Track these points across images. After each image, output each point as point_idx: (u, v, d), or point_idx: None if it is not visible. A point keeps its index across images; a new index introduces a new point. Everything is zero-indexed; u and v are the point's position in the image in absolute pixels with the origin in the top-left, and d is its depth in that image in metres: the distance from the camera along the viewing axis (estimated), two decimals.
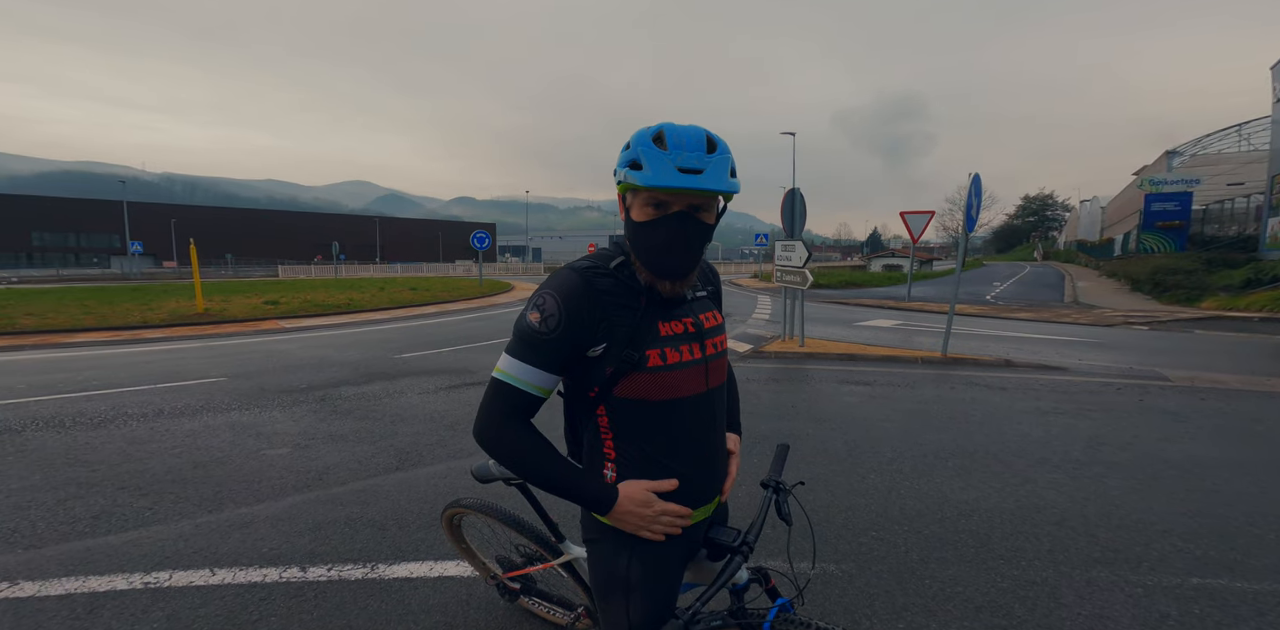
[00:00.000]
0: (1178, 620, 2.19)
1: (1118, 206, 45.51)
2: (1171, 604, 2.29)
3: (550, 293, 1.09)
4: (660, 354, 1.11)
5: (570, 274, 1.11)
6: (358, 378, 6.67)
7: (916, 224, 13.29)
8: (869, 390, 6.18)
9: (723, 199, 1.11)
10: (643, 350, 1.10)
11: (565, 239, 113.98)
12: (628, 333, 1.10)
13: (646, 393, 1.12)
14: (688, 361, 1.15)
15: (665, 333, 1.13)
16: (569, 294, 1.08)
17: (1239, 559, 2.65)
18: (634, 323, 1.10)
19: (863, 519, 3.06)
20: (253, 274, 46.12)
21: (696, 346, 1.17)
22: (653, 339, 1.11)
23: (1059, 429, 4.73)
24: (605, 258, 1.15)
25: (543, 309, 1.08)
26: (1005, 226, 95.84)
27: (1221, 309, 16.62)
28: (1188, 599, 2.33)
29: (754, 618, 1.27)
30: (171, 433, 4.57)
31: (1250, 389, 6.40)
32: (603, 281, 1.11)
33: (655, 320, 1.13)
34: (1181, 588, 2.41)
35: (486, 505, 1.97)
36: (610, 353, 1.10)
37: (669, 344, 1.13)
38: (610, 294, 1.10)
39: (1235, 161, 32.21)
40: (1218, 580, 2.47)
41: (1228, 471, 3.77)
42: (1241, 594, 2.36)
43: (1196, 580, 2.47)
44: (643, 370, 1.10)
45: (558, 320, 1.07)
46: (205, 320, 12.34)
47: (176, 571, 2.53)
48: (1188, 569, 2.56)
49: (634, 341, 1.10)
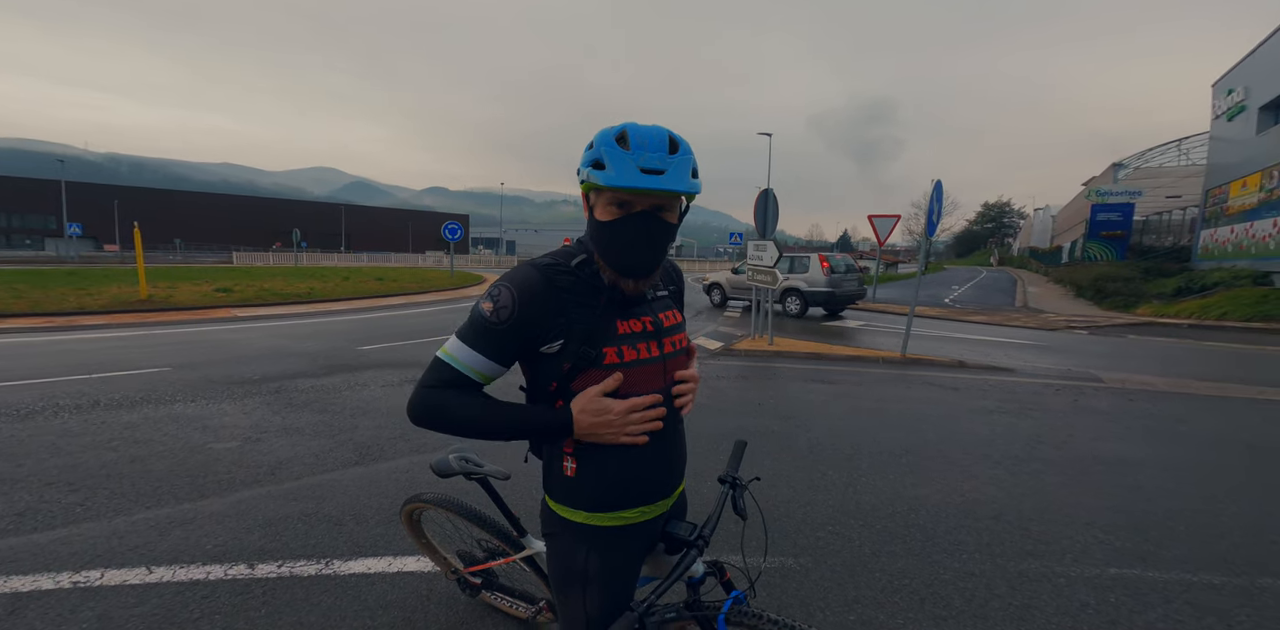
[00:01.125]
0: (1095, 609, 2.33)
1: (1067, 215, 47.75)
2: (1090, 593, 2.44)
3: (507, 286, 1.09)
4: (618, 351, 1.13)
5: (530, 270, 1.12)
6: (316, 369, 6.47)
7: (883, 227, 13.66)
8: (833, 389, 6.34)
9: (685, 199, 1.12)
10: (599, 348, 1.11)
11: (541, 232, 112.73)
12: (585, 330, 1.11)
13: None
14: (645, 359, 1.16)
15: (623, 331, 1.14)
16: (526, 289, 1.09)
17: (1151, 550, 2.84)
18: (592, 320, 1.11)
19: (821, 514, 3.15)
20: (204, 260, 44.02)
21: (655, 345, 1.18)
22: (610, 337, 1.13)
23: (1003, 428, 4.96)
24: (567, 255, 1.16)
25: (497, 300, 1.09)
26: (966, 232, 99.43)
27: (1154, 315, 17.67)
28: (1105, 588, 2.48)
29: (709, 610, 1.30)
30: (107, 425, 4.35)
31: (1176, 391, 6.84)
32: (562, 279, 1.11)
33: (613, 319, 1.14)
34: (1100, 578, 2.57)
35: (447, 500, 1.95)
36: (567, 349, 1.11)
37: (626, 341, 1.14)
38: (569, 292, 1.11)
39: (1174, 175, 34.19)
40: (1132, 570, 2.64)
41: (1151, 469, 4.03)
42: (1152, 583, 2.54)
43: (1114, 570, 2.64)
44: (599, 367, 1.12)
45: (510, 313, 1.08)
46: (149, 307, 11.73)
47: (109, 570, 2.43)
48: (1106, 560, 2.73)
49: (591, 339, 1.11)
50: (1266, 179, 20.08)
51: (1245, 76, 22.69)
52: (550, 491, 1.24)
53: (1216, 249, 23.28)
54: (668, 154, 1.03)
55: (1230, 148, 23.50)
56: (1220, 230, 23.21)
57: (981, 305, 20.77)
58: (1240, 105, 22.72)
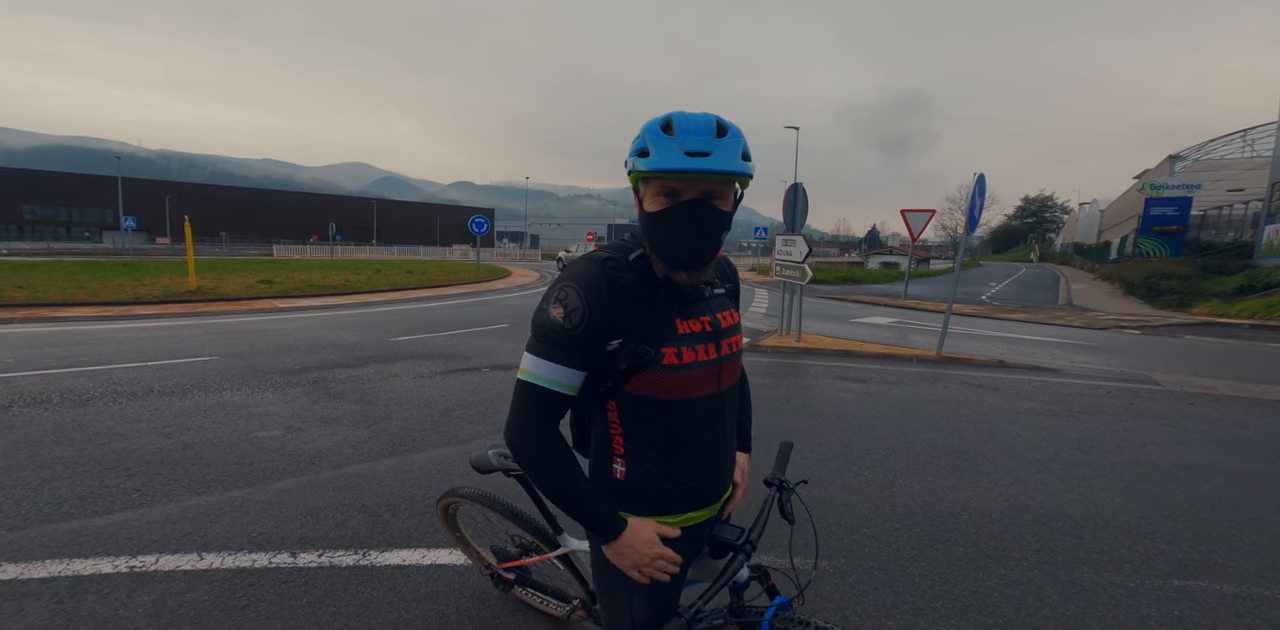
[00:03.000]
0: (1158, 621, 2.22)
1: (1117, 210, 45.62)
2: (1152, 605, 2.32)
3: (571, 285, 1.05)
4: (677, 353, 1.09)
5: (590, 265, 1.08)
6: (352, 360, 6.63)
7: (916, 222, 13.27)
8: (864, 387, 6.19)
9: (739, 186, 1.07)
10: (659, 347, 1.07)
11: (564, 226, 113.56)
12: (645, 328, 1.07)
13: (658, 391, 1.10)
14: (702, 361, 1.12)
15: (683, 331, 1.10)
16: (591, 286, 1.04)
17: (1218, 562, 2.69)
18: (652, 318, 1.07)
19: (855, 516, 3.07)
20: (247, 253, 45.70)
21: (712, 346, 1.14)
22: (670, 336, 1.09)
23: (1050, 431, 4.76)
24: (624, 250, 1.12)
25: (565, 303, 1.04)
26: (1003, 227, 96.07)
27: (1213, 315, 16.75)
28: (1168, 601, 2.36)
29: (753, 616, 1.27)
30: (161, 412, 4.54)
31: (1239, 395, 6.46)
32: (623, 275, 1.08)
33: (673, 317, 1.10)
34: (1162, 589, 2.44)
35: (483, 495, 1.96)
36: (626, 348, 1.07)
37: (685, 342, 1.10)
38: (630, 288, 1.07)
39: (1237, 167, 32.28)
40: (1197, 582, 2.50)
41: (1214, 476, 3.81)
42: (1219, 596, 2.39)
43: (1177, 582, 2.50)
44: (658, 368, 1.08)
45: (582, 314, 1.03)
46: (198, 298, 12.23)
47: (163, 555, 2.51)
48: (1169, 571, 2.59)
49: (651, 338, 1.07)
50: None
51: None
52: None
53: None
54: (714, 137, 0.99)
55: None
56: None
57: (1022, 302, 20.03)
58: None
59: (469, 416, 4.64)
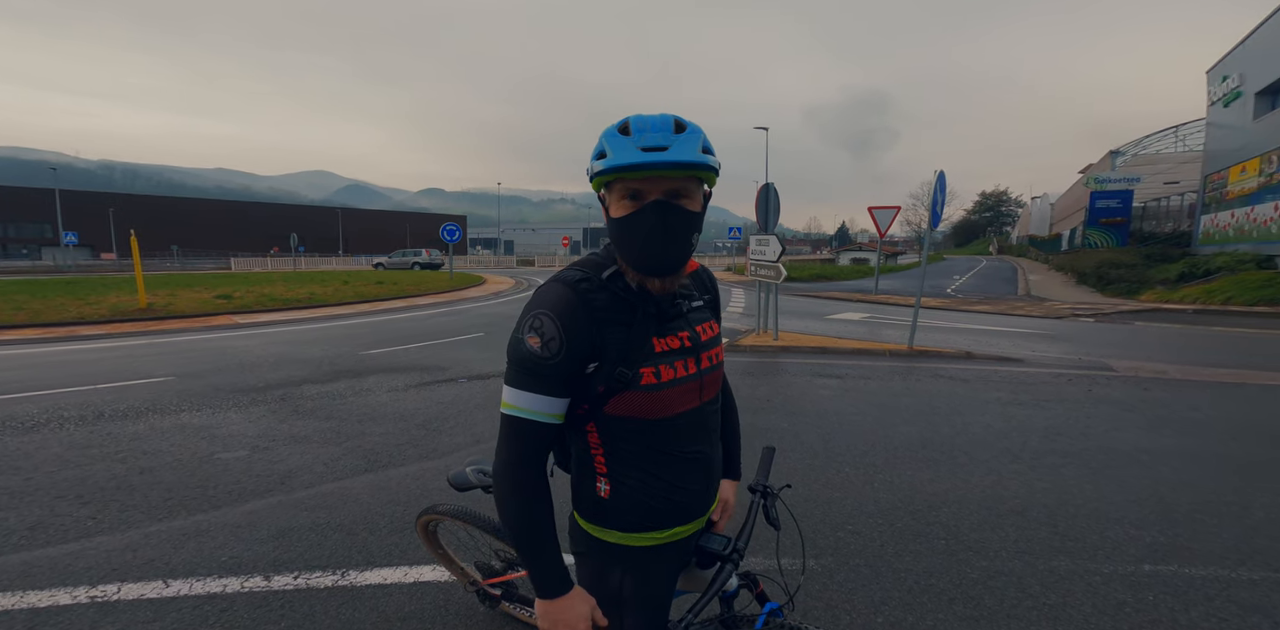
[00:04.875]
0: (1134, 607, 2.28)
1: (1065, 203, 47.62)
2: (1127, 591, 2.38)
3: (546, 313, 1.01)
4: (654, 372, 1.06)
5: (563, 289, 1.03)
6: (321, 376, 6.42)
7: (884, 219, 13.61)
8: (841, 383, 6.30)
9: (706, 185, 1.05)
10: (636, 368, 1.04)
11: (539, 231, 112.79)
12: (621, 350, 1.04)
13: (638, 411, 1.07)
14: (682, 377, 1.10)
15: (660, 349, 1.08)
16: (564, 311, 1.01)
17: (1184, 545, 2.78)
18: (628, 339, 1.04)
19: (839, 513, 3.10)
20: (202, 267, 43.93)
21: (692, 361, 1.12)
22: (646, 356, 1.06)
23: (1018, 420, 4.92)
24: (596, 267, 1.08)
25: (541, 333, 1.00)
26: (964, 222, 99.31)
27: (1159, 301, 17.62)
28: (1142, 586, 2.42)
29: (744, 625, 1.26)
30: (114, 437, 4.30)
31: (1189, 379, 6.79)
32: (598, 296, 1.04)
33: (649, 336, 1.07)
34: (1135, 575, 2.51)
35: (464, 511, 1.90)
36: (602, 371, 1.04)
37: (664, 360, 1.07)
38: (605, 309, 1.04)
39: (1172, 161, 34.11)
40: (1167, 567, 2.58)
41: (1174, 460, 3.98)
42: (1190, 580, 2.47)
43: (1149, 567, 2.57)
44: (636, 388, 1.05)
45: (560, 342, 0.99)
46: (150, 316, 11.69)
47: (125, 584, 2.38)
48: (1140, 556, 2.67)
49: (627, 359, 1.04)
50: (1265, 164, 20.01)
51: (1240, 63, 22.68)
52: (580, 509, 1.18)
53: (1218, 234, 23.22)
54: (672, 134, 0.97)
55: (1227, 134, 23.50)
56: (1220, 215, 23.16)
57: (985, 294, 20.72)
58: (1236, 91, 22.70)
59: (447, 429, 4.53)
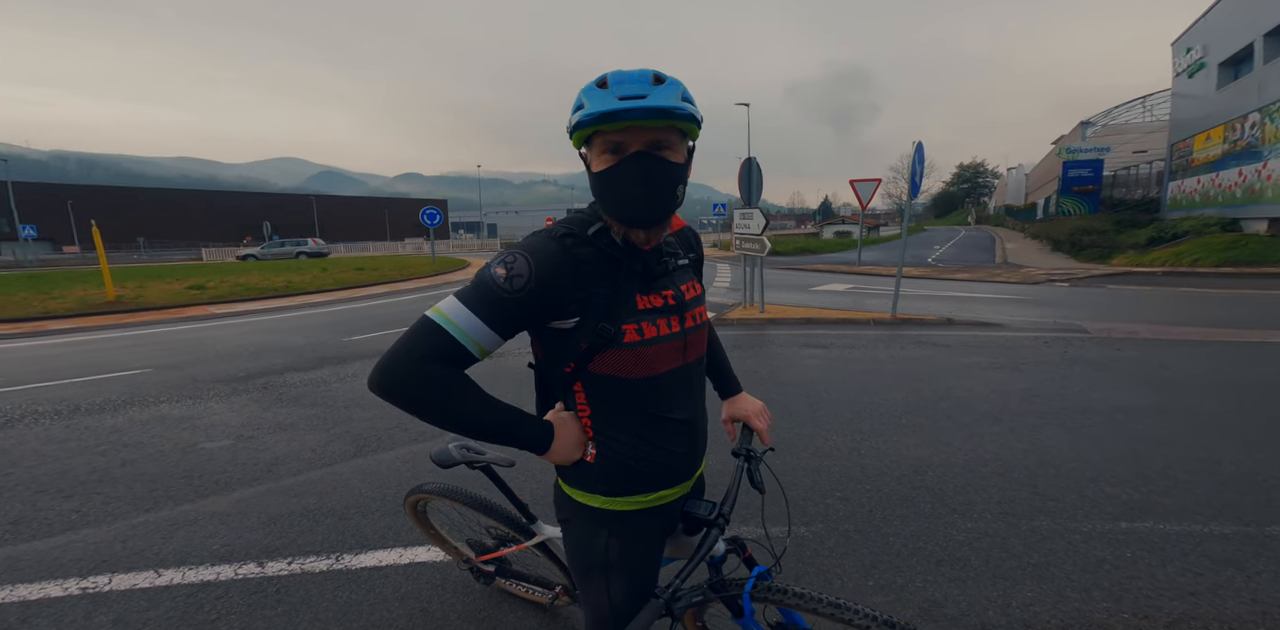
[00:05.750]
0: (1113, 564, 2.34)
1: (1039, 173, 48.08)
2: (1106, 549, 2.45)
3: (524, 255, 0.98)
4: (638, 328, 1.04)
5: (548, 241, 1.01)
6: (304, 363, 6.31)
7: (865, 191, 13.62)
8: (827, 353, 6.38)
9: (689, 140, 1.03)
10: (619, 325, 1.03)
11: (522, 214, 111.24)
12: (604, 306, 1.02)
13: (623, 370, 1.06)
14: (665, 336, 1.08)
15: (643, 306, 1.06)
16: (545, 261, 0.98)
17: (1159, 501, 2.86)
18: (611, 295, 1.03)
19: (828, 480, 3.16)
20: (172, 258, 42.64)
21: (675, 319, 1.10)
22: (630, 312, 1.04)
23: (997, 383, 5.03)
24: (583, 224, 1.06)
25: (511, 267, 0.97)
26: (942, 193, 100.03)
27: (1130, 265, 18.05)
28: (1119, 543, 2.49)
29: (733, 589, 1.25)
30: (93, 430, 4.21)
31: (1158, 337, 7.00)
32: (582, 250, 1.02)
33: (633, 293, 1.06)
34: (1113, 532, 2.58)
35: (451, 490, 1.90)
36: (585, 327, 1.02)
37: (646, 318, 1.06)
38: (589, 264, 1.02)
39: (1140, 131, 34.62)
40: (1143, 523, 2.65)
41: (1146, 417, 4.11)
42: (1165, 535, 2.54)
43: (1125, 524, 2.64)
44: (619, 345, 1.03)
45: (525, 281, 0.97)
46: (120, 309, 11.35)
47: (116, 574, 2.36)
48: (1116, 514, 2.74)
49: (610, 315, 1.02)
50: (1229, 131, 20.37)
51: (1203, 35, 22.94)
52: (564, 476, 1.17)
53: (1184, 199, 23.72)
54: (650, 85, 0.95)
55: (1192, 103, 23.88)
56: (1187, 181, 23.64)
57: (964, 263, 21.02)
58: (1200, 62, 23.02)
59: None
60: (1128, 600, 2.12)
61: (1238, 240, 17.24)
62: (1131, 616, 2.03)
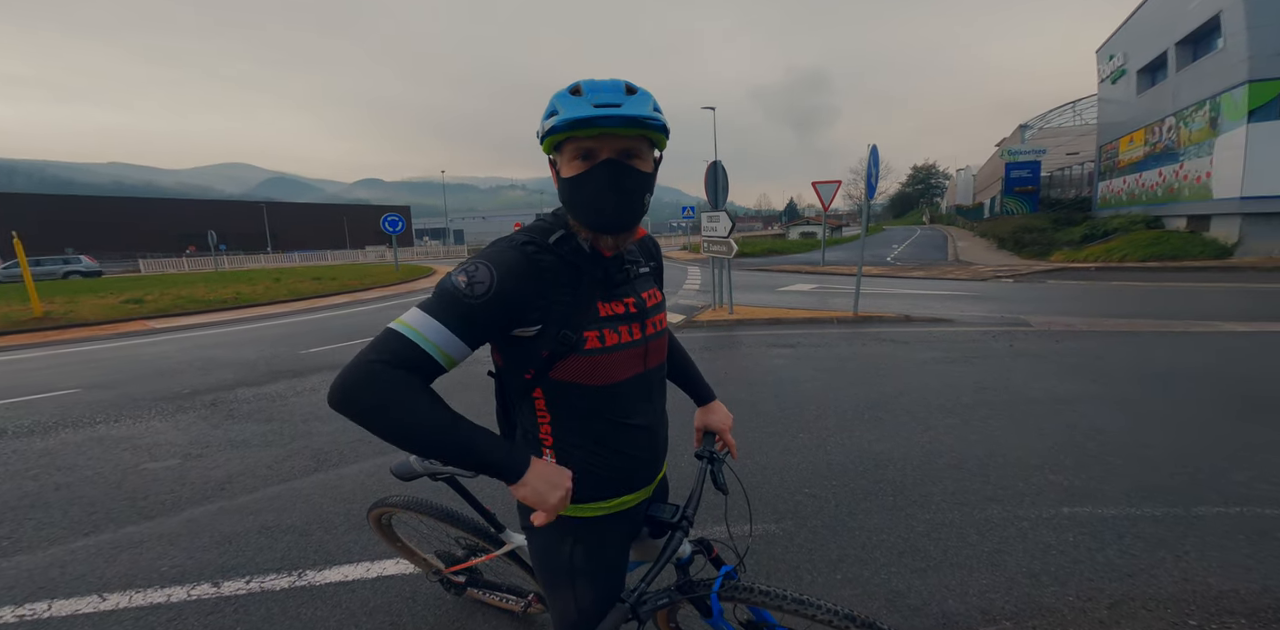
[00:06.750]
0: (1059, 549, 2.45)
1: (985, 174, 50.43)
2: (1051, 534, 2.57)
3: (486, 264, 0.98)
4: (599, 336, 1.06)
5: (509, 250, 1.02)
6: (257, 378, 6.06)
7: (827, 192, 13.99)
8: (794, 352, 6.53)
9: (656, 150, 1.06)
10: (580, 332, 1.04)
11: (490, 219, 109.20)
12: (565, 313, 1.03)
13: (583, 376, 1.07)
14: (626, 343, 1.10)
15: (605, 313, 1.08)
16: (507, 270, 0.98)
17: (1096, 487, 3.01)
18: (573, 302, 1.04)
19: (796, 478, 3.23)
20: (107, 271, 40.13)
21: (636, 327, 1.12)
22: (591, 320, 1.05)
23: (951, 377, 5.25)
24: (544, 232, 1.06)
25: (472, 275, 0.97)
26: (899, 194, 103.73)
27: (1067, 261, 19.08)
28: (1063, 528, 2.61)
29: (700, 589, 1.26)
30: (20, 454, 3.94)
31: (1093, 329, 7.45)
32: (544, 258, 1.02)
33: (595, 300, 1.07)
34: (1056, 518, 2.70)
35: (415, 502, 1.86)
36: (546, 334, 1.03)
37: (608, 325, 1.07)
38: (552, 271, 1.02)
39: (1072, 134, 36.73)
40: (1083, 508, 2.79)
41: (1082, 405, 4.35)
42: (1102, 520, 2.68)
43: (1067, 510, 2.77)
44: (580, 353, 1.04)
45: (487, 288, 0.96)
46: (47, 326, 10.63)
47: (56, 600, 2.23)
48: (1059, 500, 2.88)
49: (572, 322, 1.03)
50: (1149, 135, 21.84)
51: (1124, 43, 24.40)
52: None
53: (1113, 198, 25.27)
54: (624, 94, 0.98)
55: (1116, 108, 25.40)
56: (1115, 182, 25.19)
57: (919, 261, 21.83)
58: (1121, 69, 24.52)
59: None
60: (1072, 584, 2.23)
61: (1160, 236, 18.49)
62: (1076, 599, 2.14)
